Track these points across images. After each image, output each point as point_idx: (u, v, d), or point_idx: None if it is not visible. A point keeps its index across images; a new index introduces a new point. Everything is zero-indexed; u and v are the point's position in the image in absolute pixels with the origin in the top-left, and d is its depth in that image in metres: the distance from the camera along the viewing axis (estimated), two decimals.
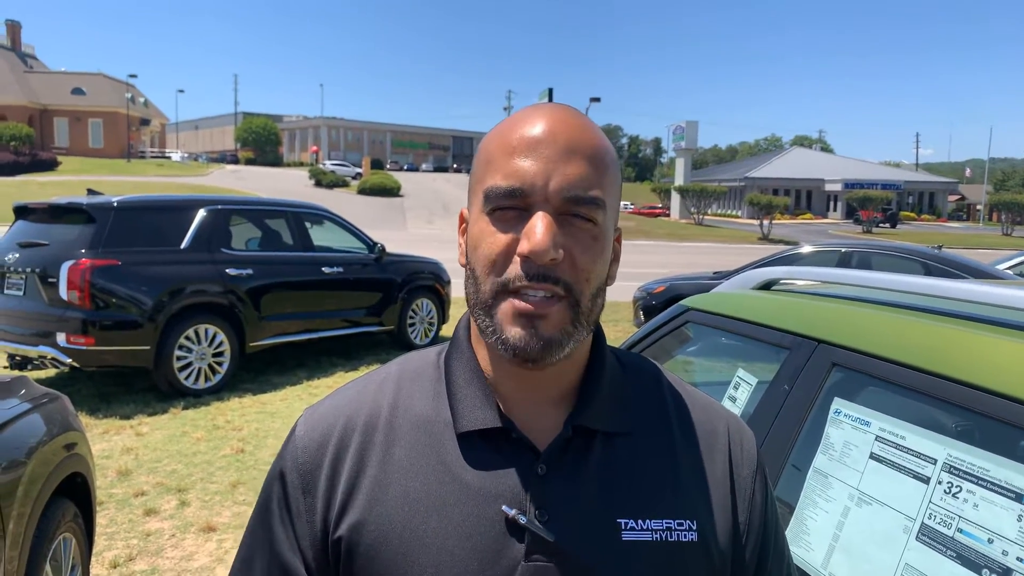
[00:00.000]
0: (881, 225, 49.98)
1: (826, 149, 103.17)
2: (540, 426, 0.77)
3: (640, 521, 0.74)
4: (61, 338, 5.87)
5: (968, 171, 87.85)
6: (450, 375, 0.80)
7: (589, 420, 0.76)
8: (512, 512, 0.72)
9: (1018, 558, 1.00)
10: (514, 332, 0.70)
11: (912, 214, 61.12)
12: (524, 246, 0.69)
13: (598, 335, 0.82)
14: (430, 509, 0.73)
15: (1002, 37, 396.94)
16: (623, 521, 0.74)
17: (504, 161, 0.72)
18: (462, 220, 0.80)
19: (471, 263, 0.75)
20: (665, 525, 0.74)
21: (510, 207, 0.71)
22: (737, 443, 0.83)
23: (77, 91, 67.09)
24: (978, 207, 69.73)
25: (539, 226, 0.68)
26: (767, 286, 2.12)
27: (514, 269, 0.70)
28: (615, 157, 0.76)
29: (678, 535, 0.74)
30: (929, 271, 7.85)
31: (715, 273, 10.26)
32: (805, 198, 63.40)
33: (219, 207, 7.00)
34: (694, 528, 0.75)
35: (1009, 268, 9.91)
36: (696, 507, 0.76)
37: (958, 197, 75.90)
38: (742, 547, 0.79)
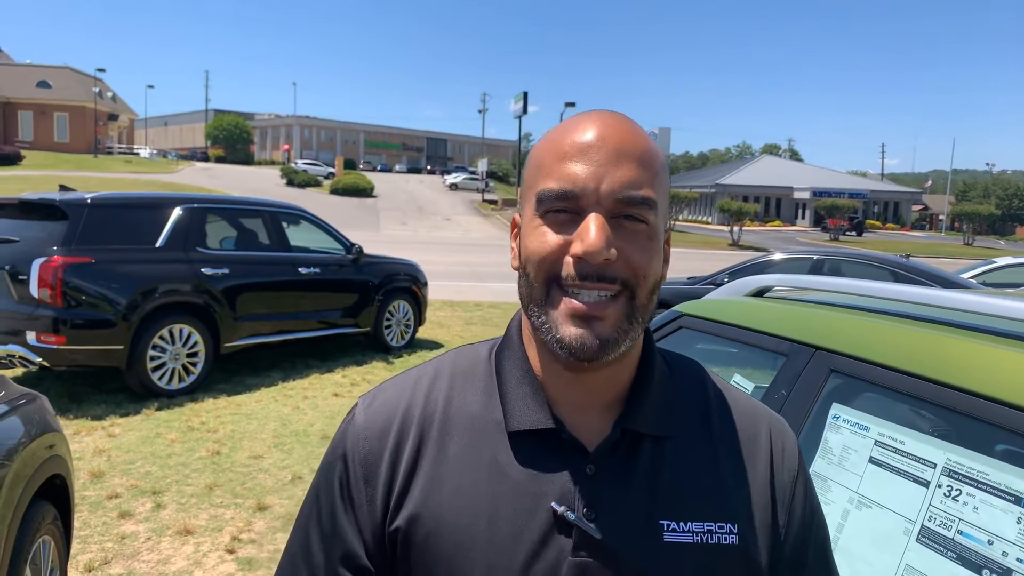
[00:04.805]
0: (848, 233, 50.77)
1: (795, 157, 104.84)
2: (588, 427, 0.78)
3: (682, 523, 0.76)
4: (31, 336, 5.75)
5: (929, 181, 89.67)
6: (501, 374, 0.82)
7: (638, 424, 0.78)
8: (561, 509, 0.74)
9: (1018, 559, 1.04)
10: (570, 332, 0.72)
11: (877, 223, 62.22)
12: (577, 247, 0.71)
13: (648, 336, 0.83)
14: (481, 505, 0.75)
15: (966, 56, 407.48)
16: (666, 523, 0.76)
17: (556, 166, 0.74)
18: (514, 226, 0.83)
19: (524, 263, 0.76)
20: (706, 528, 0.76)
21: (562, 210, 0.73)
22: (779, 446, 0.84)
23: (43, 84, 65.60)
24: (940, 217, 71.30)
25: (592, 227, 0.70)
26: (760, 293, 2.16)
27: (567, 269, 0.72)
28: (664, 161, 0.78)
29: (719, 538, 0.76)
30: (897, 279, 8.03)
31: (689, 278, 10.39)
32: (774, 205, 64.23)
33: (195, 206, 6.90)
34: (735, 531, 0.77)
35: (973, 277, 10.19)
36: (737, 511, 0.78)
37: (921, 207, 77.50)
38: (781, 551, 0.80)
